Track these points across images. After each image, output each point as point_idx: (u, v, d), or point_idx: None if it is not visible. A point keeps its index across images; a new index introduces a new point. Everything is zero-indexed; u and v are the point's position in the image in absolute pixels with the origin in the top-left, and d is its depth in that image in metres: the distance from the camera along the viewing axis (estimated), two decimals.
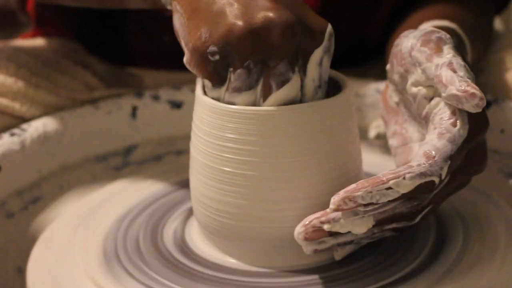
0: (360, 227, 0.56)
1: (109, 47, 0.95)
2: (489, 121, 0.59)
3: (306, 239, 0.57)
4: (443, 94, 0.57)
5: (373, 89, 0.85)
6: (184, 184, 0.73)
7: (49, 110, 0.83)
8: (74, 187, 0.82)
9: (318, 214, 0.57)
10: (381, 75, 0.86)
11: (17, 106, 0.81)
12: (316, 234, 0.57)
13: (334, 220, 0.56)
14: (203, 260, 0.63)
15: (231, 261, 0.62)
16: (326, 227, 0.56)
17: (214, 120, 0.60)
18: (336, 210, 0.55)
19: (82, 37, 0.96)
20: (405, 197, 0.55)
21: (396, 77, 0.64)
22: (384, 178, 0.55)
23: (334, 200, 0.55)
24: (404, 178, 0.54)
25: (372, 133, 0.84)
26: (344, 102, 0.61)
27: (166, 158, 0.86)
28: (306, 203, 0.60)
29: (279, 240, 0.61)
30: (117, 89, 0.90)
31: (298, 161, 0.59)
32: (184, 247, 0.65)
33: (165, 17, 0.88)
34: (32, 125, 0.80)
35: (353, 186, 0.55)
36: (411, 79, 0.62)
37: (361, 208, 0.55)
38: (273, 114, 0.59)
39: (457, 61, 0.58)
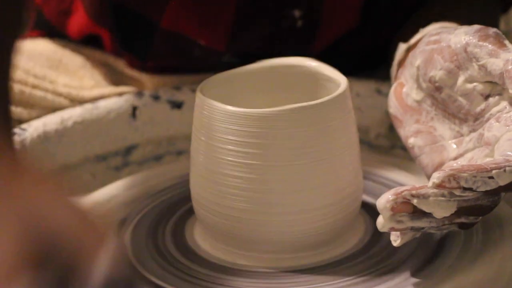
0: (444, 210, 0.54)
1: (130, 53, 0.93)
2: None
3: (393, 209, 0.54)
4: (511, 91, 0.57)
5: (373, 90, 0.85)
6: (185, 184, 0.73)
7: (48, 112, 0.83)
8: (74, 187, 0.81)
9: (408, 187, 0.55)
10: (382, 76, 0.86)
11: (14, 110, 0.81)
12: (404, 206, 0.54)
13: (424, 197, 0.54)
14: (204, 260, 0.63)
15: (232, 262, 0.62)
16: (415, 201, 0.54)
17: (214, 122, 0.60)
18: (438, 186, 0.53)
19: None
20: (498, 190, 0.55)
21: (440, 74, 0.63)
22: (488, 167, 0.53)
23: (439, 175, 0.53)
24: (504, 171, 0.54)
25: (372, 133, 0.84)
26: (343, 100, 0.61)
27: (166, 158, 0.86)
28: (306, 207, 0.60)
29: (281, 243, 0.61)
30: (117, 88, 0.90)
31: (298, 163, 0.59)
32: (184, 247, 0.65)
33: (198, 44, 0.87)
34: (32, 125, 0.80)
35: (457, 166, 0.54)
36: (464, 75, 0.62)
37: (457, 192, 0.54)
38: (272, 115, 0.59)
39: None
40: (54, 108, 0.84)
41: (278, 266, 0.61)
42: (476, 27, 0.62)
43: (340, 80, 0.63)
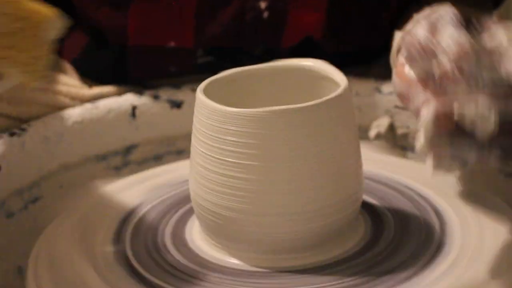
0: (487, 121, 0.55)
1: (107, 74, 0.94)
2: None
3: (437, 117, 0.56)
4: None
5: (373, 89, 0.85)
6: (185, 183, 0.73)
7: (47, 110, 0.83)
8: (74, 187, 0.82)
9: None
10: (382, 75, 0.86)
11: (13, 108, 0.82)
12: (446, 122, 0.56)
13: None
14: (204, 260, 0.63)
15: (232, 262, 0.62)
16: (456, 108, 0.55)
17: (214, 123, 0.60)
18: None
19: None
20: None
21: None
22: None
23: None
24: None
25: (372, 133, 0.84)
26: (343, 100, 0.61)
27: (166, 158, 0.87)
28: (307, 208, 0.60)
29: (281, 243, 0.61)
30: (117, 87, 0.90)
31: (297, 164, 0.59)
32: (184, 248, 0.65)
33: (168, 49, 0.88)
34: (32, 125, 0.80)
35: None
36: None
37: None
38: (271, 116, 0.59)
39: None
40: (54, 107, 0.84)
41: (277, 266, 0.61)
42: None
43: (340, 80, 0.63)
